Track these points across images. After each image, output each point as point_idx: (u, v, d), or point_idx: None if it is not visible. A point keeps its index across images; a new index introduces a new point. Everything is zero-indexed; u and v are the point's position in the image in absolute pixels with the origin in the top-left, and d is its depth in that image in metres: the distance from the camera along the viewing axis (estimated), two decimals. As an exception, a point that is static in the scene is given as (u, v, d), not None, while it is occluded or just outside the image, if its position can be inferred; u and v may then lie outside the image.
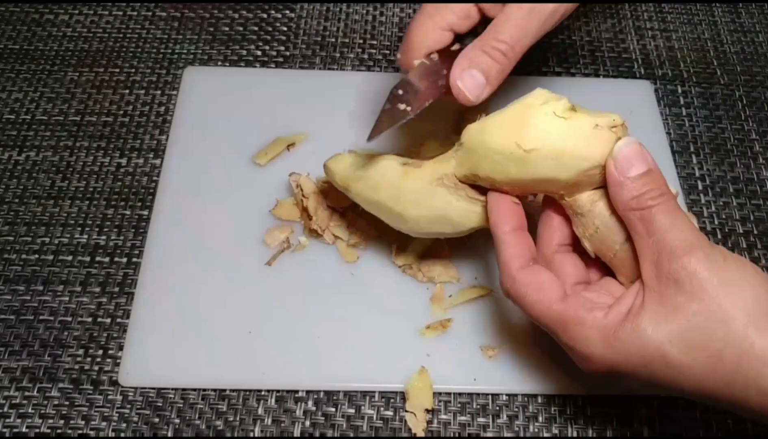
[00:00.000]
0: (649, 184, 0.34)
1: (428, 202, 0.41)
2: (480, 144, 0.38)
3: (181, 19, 0.62)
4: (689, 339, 0.31)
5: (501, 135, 0.37)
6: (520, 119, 0.37)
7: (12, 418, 0.42)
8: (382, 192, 0.42)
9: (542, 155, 0.36)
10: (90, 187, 0.52)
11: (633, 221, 0.34)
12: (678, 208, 0.34)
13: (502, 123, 0.37)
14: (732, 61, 0.61)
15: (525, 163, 0.36)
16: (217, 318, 0.45)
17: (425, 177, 0.41)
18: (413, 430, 0.42)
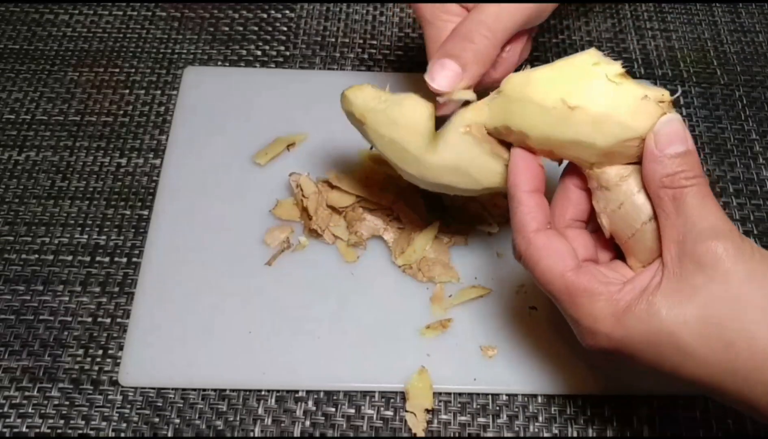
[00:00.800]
0: (686, 164, 0.33)
1: (450, 148, 0.39)
2: (522, 95, 0.36)
3: (181, 19, 0.62)
4: (704, 324, 0.31)
5: (546, 88, 0.36)
6: (569, 75, 0.35)
7: (12, 418, 0.42)
8: (402, 130, 0.39)
9: (585, 116, 0.34)
10: (90, 187, 0.52)
11: (664, 199, 0.33)
12: (711, 194, 0.33)
13: (549, 76, 0.36)
14: (732, 61, 0.61)
15: (566, 122, 0.35)
16: (217, 318, 0.45)
17: (453, 122, 0.39)
18: (413, 430, 0.42)
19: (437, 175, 0.40)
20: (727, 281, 0.31)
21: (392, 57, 0.60)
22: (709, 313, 0.31)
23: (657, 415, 0.44)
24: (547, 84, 0.36)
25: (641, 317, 0.32)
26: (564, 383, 0.44)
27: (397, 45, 0.61)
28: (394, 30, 0.62)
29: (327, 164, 0.50)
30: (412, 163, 0.40)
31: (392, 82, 0.57)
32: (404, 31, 0.62)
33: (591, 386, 0.44)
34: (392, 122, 0.40)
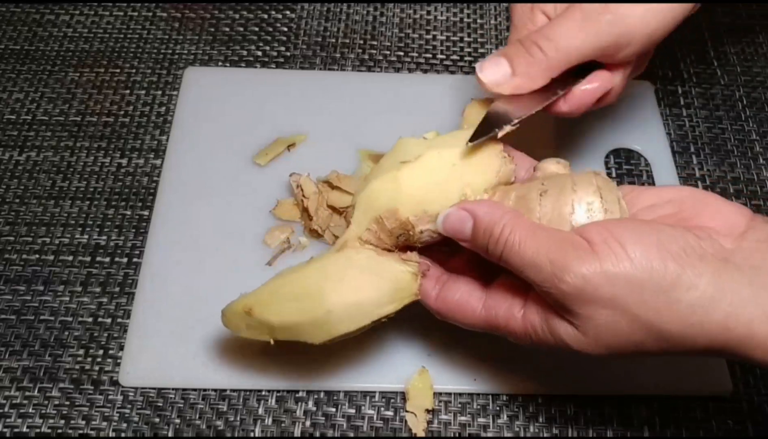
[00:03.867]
0: (484, 235, 0.34)
1: (338, 269, 0.37)
2: (367, 188, 0.38)
3: (181, 20, 0.62)
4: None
5: (384, 168, 0.38)
6: (394, 153, 0.39)
7: (12, 418, 0.42)
8: (289, 279, 0.38)
9: (428, 159, 0.37)
10: (91, 188, 0.52)
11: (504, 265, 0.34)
12: (524, 234, 0.33)
13: (381, 164, 0.39)
14: (732, 61, 0.61)
15: (417, 173, 0.37)
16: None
17: (329, 253, 0.38)
18: (413, 430, 0.42)
19: (359, 302, 0.37)
20: (607, 300, 0.31)
21: (393, 57, 0.60)
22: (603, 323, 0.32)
23: (657, 415, 0.44)
24: (381, 168, 0.39)
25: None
26: (564, 384, 0.44)
27: (397, 45, 0.61)
28: (394, 30, 0.62)
29: (327, 164, 0.50)
30: (323, 324, 0.37)
31: (392, 83, 0.57)
32: (405, 32, 0.62)
33: (591, 387, 0.44)
34: (281, 281, 0.39)
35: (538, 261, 0.32)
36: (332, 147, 0.53)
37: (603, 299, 0.31)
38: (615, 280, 0.30)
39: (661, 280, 0.30)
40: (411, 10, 0.64)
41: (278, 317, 0.37)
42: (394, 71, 0.59)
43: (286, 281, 0.38)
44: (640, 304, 0.30)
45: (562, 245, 0.32)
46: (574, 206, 0.34)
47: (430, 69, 0.59)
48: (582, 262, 0.31)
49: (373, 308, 0.37)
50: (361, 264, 0.37)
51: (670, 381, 0.44)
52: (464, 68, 0.60)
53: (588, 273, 0.31)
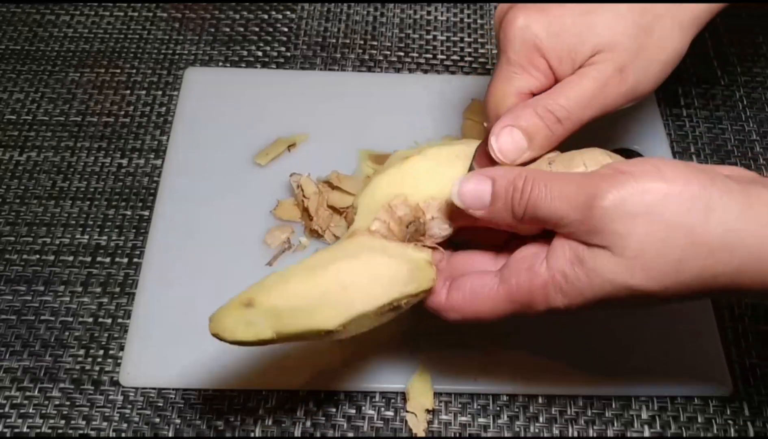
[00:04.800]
0: (506, 193, 0.33)
1: (349, 262, 0.34)
2: (373, 184, 0.38)
3: (182, 20, 0.62)
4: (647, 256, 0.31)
5: (390, 163, 0.38)
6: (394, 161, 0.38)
7: (13, 418, 0.42)
8: (296, 278, 0.34)
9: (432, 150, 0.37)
10: (91, 188, 0.52)
11: (529, 227, 0.34)
12: (548, 178, 0.32)
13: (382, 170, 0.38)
14: (732, 61, 0.61)
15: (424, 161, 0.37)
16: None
17: (335, 244, 0.37)
18: (414, 430, 0.42)
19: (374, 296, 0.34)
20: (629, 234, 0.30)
21: (393, 57, 0.60)
22: (636, 250, 0.31)
23: (657, 415, 0.44)
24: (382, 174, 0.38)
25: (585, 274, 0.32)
26: (564, 384, 0.44)
27: (397, 46, 0.61)
28: (394, 31, 0.62)
29: (328, 165, 0.51)
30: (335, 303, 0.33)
31: (392, 83, 0.57)
32: (405, 32, 0.62)
33: (591, 387, 0.44)
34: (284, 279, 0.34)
35: (570, 195, 0.31)
36: (332, 147, 0.53)
37: (640, 212, 0.30)
38: (651, 191, 0.30)
39: (697, 190, 0.30)
40: (411, 11, 0.64)
41: (286, 299, 0.33)
42: (394, 71, 0.59)
43: (291, 268, 0.34)
44: (677, 212, 0.30)
45: (589, 178, 0.32)
46: (586, 164, 0.34)
47: (430, 69, 0.59)
48: (615, 182, 0.31)
49: (392, 286, 0.34)
50: (375, 247, 0.35)
51: (670, 381, 0.44)
52: (464, 68, 0.60)
53: (623, 190, 0.30)
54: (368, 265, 0.34)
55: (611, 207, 0.30)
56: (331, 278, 0.33)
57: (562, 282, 0.32)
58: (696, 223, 0.30)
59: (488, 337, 0.45)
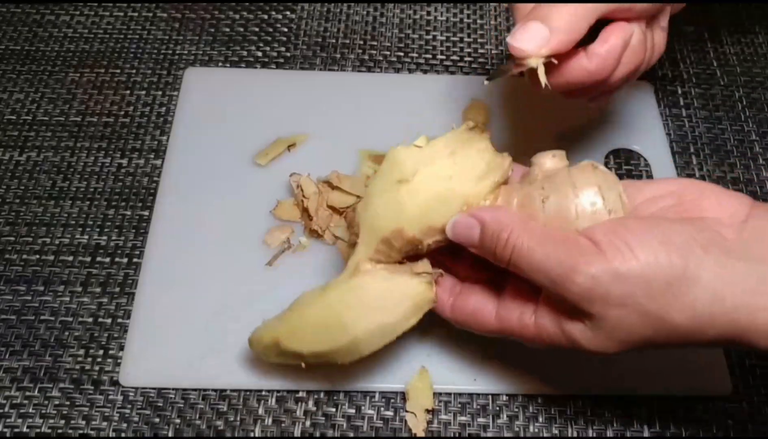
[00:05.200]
0: (491, 240, 0.34)
1: (357, 297, 0.38)
2: (367, 211, 0.38)
3: (182, 20, 0.62)
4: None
5: (381, 188, 0.37)
6: (389, 167, 0.37)
7: (13, 418, 0.42)
8: (309, 322, 0.39)
9: (424, 176, 0.36)
10: (91, 188, 0.52)
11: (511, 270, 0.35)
12: (531, 239, 0.33)
13: (376, 182, 0.38)
14: (732, 62, 0.61)
15: (416, 193, 0.36)
16: (217, 318, 0.45)
17: (342, 278, 0.39)
18: (413, 430, 0.42)
19: (382, 325, 0.38)
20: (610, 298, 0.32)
21: (393, 58, 0.60)
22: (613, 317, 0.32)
23: (657, 415, 0.44)
24: (376, 187, 0.38)
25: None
26: (564, 383, 0.44)
27: (397, 46, 0.61)
28: (394, 31, 0.62)
29: (328, 165, 0.51)
30: (352, 349, 0.38)
31: (392, 83, 0.57)
32: (405, 32, 0.62)
33: (591, 387, 0.44)
34: (300, 335, 0.39)
35: (547, 265, 0.32)
36: (332, 147, 0.53)
37: (613, 298, 0.31)
38: (623, 278, 0.31)
39: (668, 274, 0.31)
40: (411, 11, 0.64)
41: (307, 347, 0.39)
42: (394, 72, 0.59)
43: (308, 313, 0.39)
44: (649, 300, 0.31)
45: (570, 247, 0.32)
46: (578, 212, 0.34)
47: (430, 69, 0.60)
48: (590, 263, 0.31)
49: (396, 327, 0.38)
50: (378, 289, 0.38)
51: (670, 381, 0.44)
52: (464, 68, 0.60)
53: (597, 273, 0.31)
54: (373, 316, 0.38)
55: (586, 289, 0.32)
56: (341, 333, 0.38)
57: (546, 338, 0.35)
58: (667, 310, 0.31)
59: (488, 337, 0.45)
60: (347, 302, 0.38)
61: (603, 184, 0.35)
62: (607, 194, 0.34)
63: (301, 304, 0.40)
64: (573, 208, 0.34)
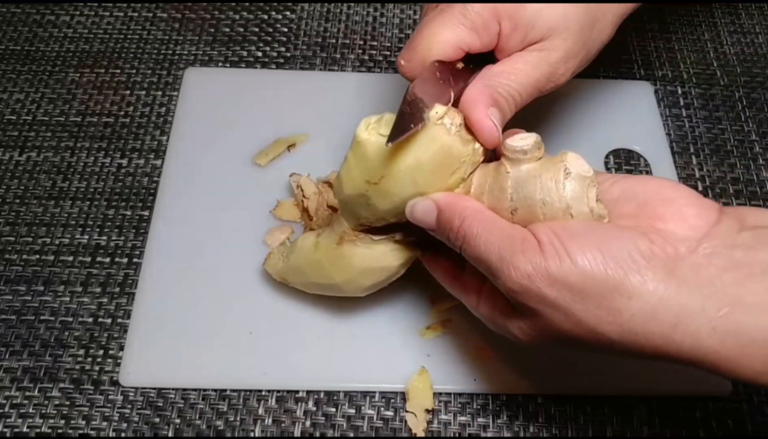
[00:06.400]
0: (445, 226, 0.35)
1: (345, 262, 0.40)
2: (344, 197, 0.38)
3: (182, 20, 0.62)
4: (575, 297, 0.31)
5: (352, 180, 0.37)
6: (358, 157, 0.37)
7: (13, 418, 0.42)
8: (308, 272, 0.42)
9: (392, 179, 0.36)
10: (91, 188, 0.52)
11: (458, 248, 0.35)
12: (482, 224, 0.34)
13: (348, 169, 0.37)
14: (732, 62, 0.61)
15: (387, 194, 0.36)
16: (217, 318, 0.45)
17: (330, 243, 0.41)
18: (413, 430, 0.42)
19: (362, 283, 0.41)
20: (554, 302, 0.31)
21: (392, 58, 0.60)
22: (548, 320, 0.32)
23: (657, 415, 0.44)
24: (350, 176, 0.37)
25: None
26: (564, 383, 0.44)
27: (397, 46, 0.61)
28: (394, 31, 0.62)
29: (327, 165, 0.51)
30: (338, 289, 0.42)
31: (392, 83, 0.57)
32: (405, 32, 0.62)
33: (591, 387, 0.44)
34: (299, 272, 0.43)
35: (488, 255, 0.33)
36: (332, 147, 0.53)
37: (547, 299, 0.31)
38: (557, 282, 0.30)
39: (602, 286, 0.30)
40: (411, 11, 0.64)
41: (309, 289, 0.44)
42: (394, 72, 0.59)
43: (305, 269, 0.43)
44: (582, 309, 0.30)
45: (513, 241, 0.32)
46: (542, 186, 0.33)
47: (430, 69, 0.59)
48: (527, 260, 0.31)
49: (387, 280, 0.41)
50: (363, 257, 0.40)
51: (670, 381, 0.44)
52: (464, 69, 0.60)
53: (531, 271, 0.31)
54: (363, 276, 0.41)
55: (520, 285, 0.31)
56: (339, 289, 0.42)
57: (487, 324, 0.37)
58: (599, 322, 0.30)
59: (488, 337, 0.45)
60: (337, 267, 0.41)
61: (574, 203, 0.33)
62: (577, 211, 0.33)
63: (297, 255, 0.43)
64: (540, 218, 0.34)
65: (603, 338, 0.31)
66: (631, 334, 0.30)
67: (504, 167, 0.35)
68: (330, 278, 0.41)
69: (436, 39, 0.38)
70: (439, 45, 0.38)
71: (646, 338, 0.30)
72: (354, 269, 0.40)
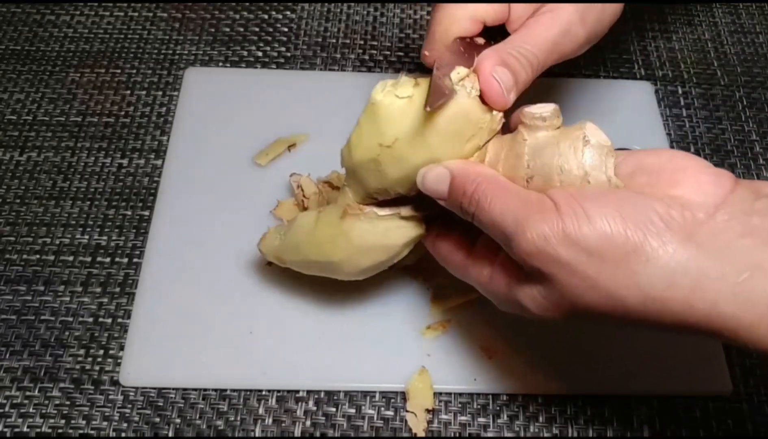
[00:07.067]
0: (458, 193, 0.34)
1: (344, 239, 0.39)
2: (353, 164, 0.38)
3: (182, 20, 0.62)
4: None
5: (363, 144, 0.36)
6: (371, 120, 0.36)
7: (13, 417, 0.42)
8: (306, 249, 0.41)
9: (406, 143, 0.35)
10: (91, 188, 0.52)
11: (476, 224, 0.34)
12: (495, 191, 0.33)
13: (360, 133, 0.37)
14: (732, 62, 0.61)
15: (399, 158, 0.36)
16: (217, 318, 0.45)
17: (333, 217, 0.39)
18: (414, 430, 0.42)
19: (361, 263, 0.40)
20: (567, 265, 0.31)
21: (393, 58, 0.60)
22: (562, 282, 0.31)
23: (657, 415, 0.44)
24: (361, 140, 0.37)
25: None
26: (564, 383, 0.44)
27: (397, 46, 0.61)
28: (394, 31, 0.62)
29: (328, 165, 0.51)
30: (335, 269, 0.41)
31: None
32: (405, 32, 0.62)
33: (591, 387, 0.44)
34: (296, 249, 0.41)
35: (504, 218, 0.32)
36: (332, 147, 0.52)
37: (562, 261, 0.30)
38: (574, 243, 0.30)
39: (620, 248, 0.29)
40: (411, 11, 0.64)
41: (304, 269, 0.43)
42: (395, 72, 0.59)
43: (303, 248, 0.41)
44: (598, 272, 0.30)
45: (528, 204, 0.32)
46: (561, 155, 0.33)
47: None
48: (544, 221, 0.31)
49: (388, 262, 0.40)
50: (366, 234, 0.39)
51: (670, 381, 0.44)
52: (464, 69, 0.60)
53: (548, 232, 0.30)
54: (363, 255, 0.39)
55: (536, 247, 0.31)
56: (334, 271, 0.41)
57: (497, 298, 0.36)
58: (617, 287, 0.30)
59: (488, 337, 0.45)
60: (336, 244, 0.39)
61: (592, 170, 0.33)
62: (595, 179, 0.32)
63: (295, 232, 0.41)
64: (556, 161, 0.33)
65: (619, 304, 0.30)
66: (648, 299, 0.29)
67: (521, 135, 0.34)
68: (327, 255, 0.40)
69: (451, 19, 0.38)
70: (456, 23, 0.38)
71: (663, 303, 0.29)
72: (354, 246, 0.39)
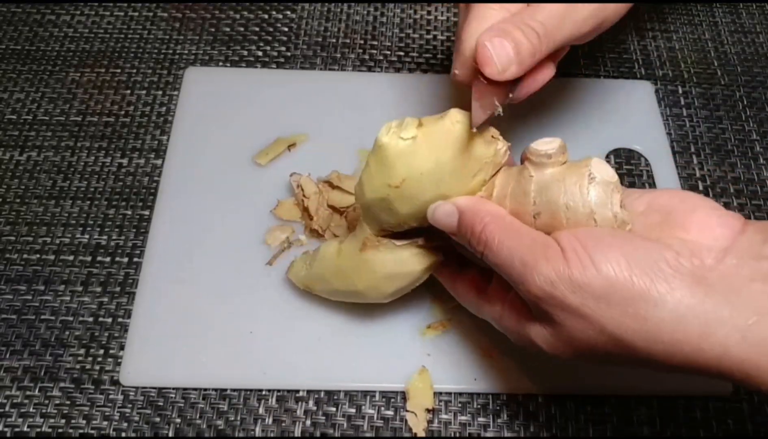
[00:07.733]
0: (467, 230, 0.35)
1: (367, 268, 0.40)
2: (365, 202, 0.38)
3: (182, 20, 0.62)
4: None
5: (373, 184, 0.37)
6: (379, 162, 0.36)
7: (13, 417, 0.42)
8: (332, 280, 0.42)
9: (414, 182, 0.36)
10: (91, 188, 0.52)
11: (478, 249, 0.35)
12: (503, 232, 0.33)
13: (369, 173, 0.37)
14: (732, 61, 0.61)
15: (408, 197, 0.36)
16: (218, 318, 0.45)
17: (353, 249, 0.41)
18: (414, 430, 0.42)
19: (384, 289, 0.41)
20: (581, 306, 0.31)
21: (393, 57, 0.60)
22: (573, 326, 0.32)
23: (657, 415, 0.44)
24: (371, 180, 0.37)
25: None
26: (564, 383, 0.44)
27: (397, 45, 0.61)
28: (394, 30, 0.62)
29: (328, 165, 0.51)
30: (361, 296, 0.42)
31: (392, 83, 0.57)
32: (405, 32, 0.62)
33: (591, 387, 0.44)
34: (322, 279, 0.43)
35: (511, 261, 0.32)
36: (332, 147, 0.53)
37: (570, 307, 0.31)
38: (580, 289, 0.30)
39: (627, 293, 0.29)
40: (411, 10, 0.64)
41: (333, 296, 0.44)
42: (395, 71, 0.59)
43: (328, 277, 0.42)
44: (606, 317, 0.30)
45: (535, 247, 0.32)
46: (566, 192, 0.33)
47: (430, 69, 0.60)
48: (550, 266, 0.31)
49: (408, 287, 0.41)
50: (386, 263, 0.40)
51: (670, 381, 0.44)
52: (464, 68, 0.60)
53: (555, 277, 0.31)
54: (386, 282, 0.41)
55: (543, 292, 0.31)
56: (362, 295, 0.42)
57: (510, 336, 0.37)
58: (625, 330, 0.30)
59: (489, 336, 0.45)
60: (360, 273, 0.41)
61: (597, 208, 0.33)
62: (601, 216, 0.32)
63: (320, 263, 0.43)
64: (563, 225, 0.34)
65: (628, 347, 0.30)
66: (658, 342, 0.29)
67: (527, 171, 0.35)
68: (353, 284, 0.41)
69: (476, 35, 0.37)
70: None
71: (672, 346, 0.29)
72: (377, 275, 0.40)
